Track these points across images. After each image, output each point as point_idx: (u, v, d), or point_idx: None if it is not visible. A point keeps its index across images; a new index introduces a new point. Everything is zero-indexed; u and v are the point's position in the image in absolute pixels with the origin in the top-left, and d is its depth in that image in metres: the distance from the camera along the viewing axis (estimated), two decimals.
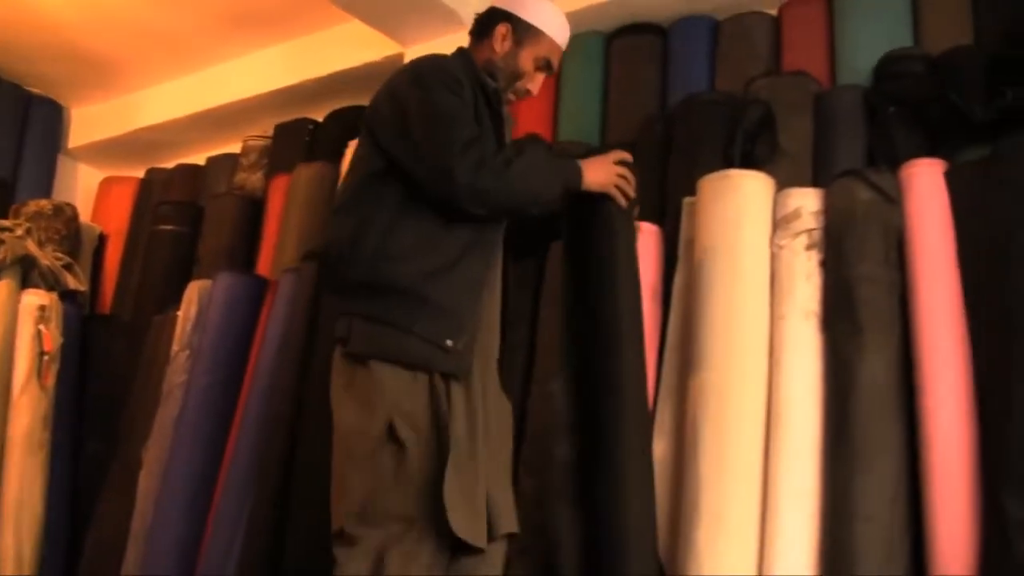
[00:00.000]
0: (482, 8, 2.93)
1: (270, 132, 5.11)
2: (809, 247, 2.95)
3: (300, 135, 4.93)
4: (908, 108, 3.19)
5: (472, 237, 2.63)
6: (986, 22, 3.35)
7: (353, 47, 4.79)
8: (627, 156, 2.92)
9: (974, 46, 3.30)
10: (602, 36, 4.21)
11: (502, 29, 2.82)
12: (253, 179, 5.04)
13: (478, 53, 2.85)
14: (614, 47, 4.19)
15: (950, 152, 2.98)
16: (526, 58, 2.83)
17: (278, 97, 5.17)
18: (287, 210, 4.48)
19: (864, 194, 2.90)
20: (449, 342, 2.51)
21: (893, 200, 2.88)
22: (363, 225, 2.60)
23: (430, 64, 2.75)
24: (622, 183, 2.84)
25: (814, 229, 2.96)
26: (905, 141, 3.14)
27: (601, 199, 2.85)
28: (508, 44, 2.82)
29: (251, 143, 5.18)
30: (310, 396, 3.53)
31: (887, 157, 3.11)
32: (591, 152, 3.64)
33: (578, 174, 2.73)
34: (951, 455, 2.56)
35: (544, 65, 2.88)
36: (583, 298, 2.93)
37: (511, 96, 2.88)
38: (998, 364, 2.55)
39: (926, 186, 2.87)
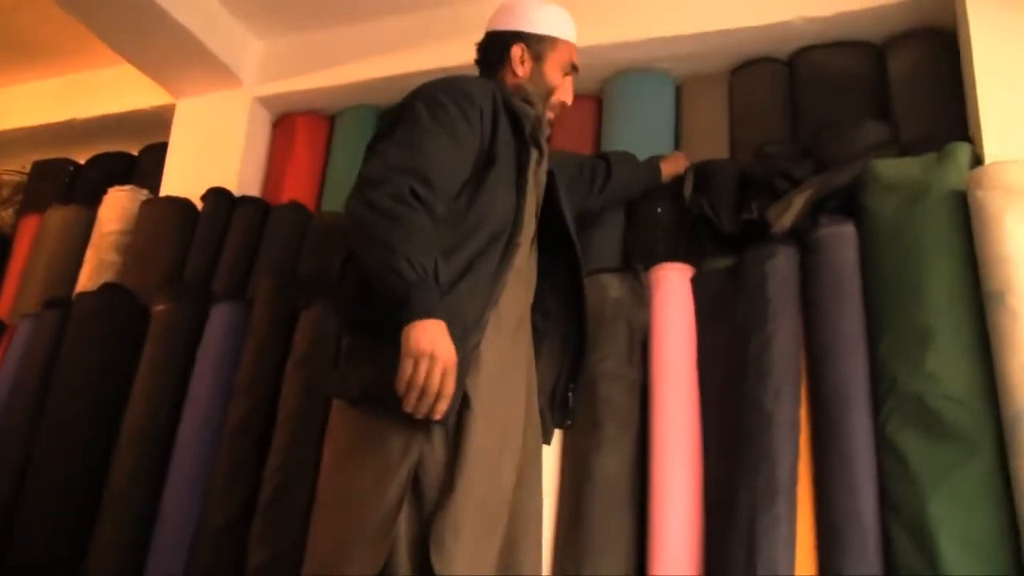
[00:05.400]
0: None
1: (27, 168, 4.87)
2: None
3: (59, 175, 4.71)
4: (671, 211, 3.27)
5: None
6: (740, 138, 3.52)
7: (124, 92, 4.67)
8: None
9: (729, 159, 3.45)
10: (375, 109, 4.22)
11: (517, 51, 2.64)
12: (3, 215, 4.79)
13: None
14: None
15: (701, 258, 3.07)
16: (552, 70, 2.66)
17: (40, 133, 4.98)
18: (34, 252, 4.26)
19: (615, 292, 2.96)
20: None
21: (641, 300, 2.96)
22: None
23: (449, 80, 2.43)
24: (417, 381, 2.00)
25: None
26: (662, 242, 3.22)
27: None
28: (528, 64, 2.65)
29: (5, 177, 4.91)
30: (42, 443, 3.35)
31: (642, 256, 3.19)
32: None
33: (408, 315, 2.03)
34: (678, 550, 2.61)
35: (570, 68, 2.71)
36: None
37: (550, 115, 2.70)
38: (727, 462, 2.63)
39: (673, 289, 2.95)
